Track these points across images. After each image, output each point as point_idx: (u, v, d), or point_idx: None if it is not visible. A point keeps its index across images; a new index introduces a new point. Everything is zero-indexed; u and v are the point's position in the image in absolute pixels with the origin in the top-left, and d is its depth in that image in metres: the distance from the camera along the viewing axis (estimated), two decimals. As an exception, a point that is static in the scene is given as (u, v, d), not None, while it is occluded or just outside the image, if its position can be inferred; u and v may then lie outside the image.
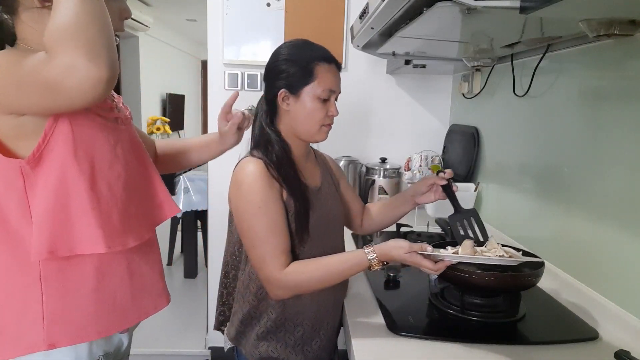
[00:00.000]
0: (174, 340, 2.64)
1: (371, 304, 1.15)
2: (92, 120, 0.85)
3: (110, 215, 0.87)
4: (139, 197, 0.95)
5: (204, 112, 8.32)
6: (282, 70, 1.08)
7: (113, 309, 0.90)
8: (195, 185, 3.40)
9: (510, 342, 0.98)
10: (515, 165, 1.60)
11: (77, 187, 0.83)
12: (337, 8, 2.15)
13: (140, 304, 0.96)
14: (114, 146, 0.90)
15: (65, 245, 0.83)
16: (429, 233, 1.70)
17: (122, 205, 0.90)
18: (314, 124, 1.10)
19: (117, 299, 0.91)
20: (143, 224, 0.96)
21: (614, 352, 0.89)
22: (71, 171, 0.82)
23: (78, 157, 0.82)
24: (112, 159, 0.89)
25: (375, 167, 2.14)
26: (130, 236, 0.91)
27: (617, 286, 1.07)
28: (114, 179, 0.89)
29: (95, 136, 0.86)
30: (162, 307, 1.01)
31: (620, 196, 1.06)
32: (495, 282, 1.02)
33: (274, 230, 1.02)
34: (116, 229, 0.88)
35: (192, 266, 3.58)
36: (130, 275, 0.93)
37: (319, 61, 1.08)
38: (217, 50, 2.19)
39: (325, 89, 1.07)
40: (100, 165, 0.86)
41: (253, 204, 1.02)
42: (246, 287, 1.11)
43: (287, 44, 1.13)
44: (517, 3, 0.85)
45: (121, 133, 0.93)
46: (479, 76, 1.87)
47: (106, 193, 0.87)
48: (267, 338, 1.09)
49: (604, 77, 1.14)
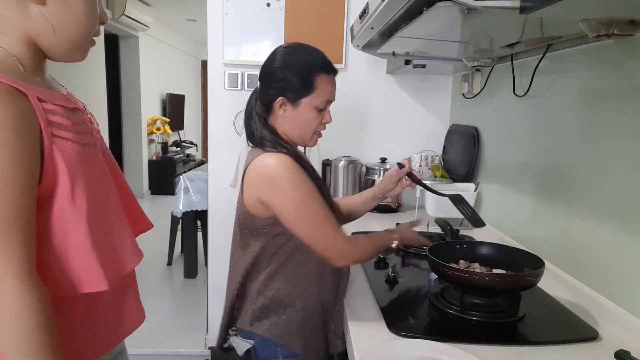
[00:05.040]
0: (174, 340, 2.64)
1: (371, 304, 1.15)
2: (79, 152, 0.80)
3: (106, 247, 0.84)
4: (125, 220, 0.92)
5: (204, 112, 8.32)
6: (281, 78, 1.09)
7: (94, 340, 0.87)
8: (195, 185, 3.40)
9: (510, 342, 0.98)
10: (515, 165, 1.60)
11: (75, 227, 0.79)
12: (337, 8, 2.15)
13: (118, 330, 0.92)
14: (101, 173, 0.87)
15: (69, 286, 0.79)
16: (429, 233, 1.69)
17: (113, 234, 0.87)
18: (309, 132, 1.14)
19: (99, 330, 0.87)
20: (133, 248, 0.92)
21: (614, 352, 0.89)
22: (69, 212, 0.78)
23: (75, 196, 0.78)
24: (100, 188, 0.85)
25: (375, 167, 2.14)
26: (123, 264, 0.88)
27: (617, 286, 1.07)
28: (105, 208, 0.85)
29: (85, 168, 0.81)
30: (137, 326, 0.96)
31: (620, 196, 1.06)
32: (495, 283, 1.02)
33: (327, 210, 1.08)
34: (111, 261, 0.85)
35: (192, 266, 3.58)
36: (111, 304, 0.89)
37: (320, 72, 1.09)
38: (217, 50, 2.19)
39: (323, 100, 1.10)
40: (92, 199, 0.81)
41: (302, 189, 1.05)
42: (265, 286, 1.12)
43: (287, 48, 1.13)
44: (517, 3, 0.85)
45: (99, 156, 0.88)
46: (479, 76, 1.87)
47: (100, 226, 0.83)
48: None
49: (604, 77, 1.14)
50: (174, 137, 7.14)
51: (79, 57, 0.85)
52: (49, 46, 0.80)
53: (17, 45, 0.78)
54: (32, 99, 0.73)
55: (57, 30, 0.78)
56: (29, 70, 0.79)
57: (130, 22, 5.24)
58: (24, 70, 0.78)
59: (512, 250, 1.22)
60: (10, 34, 0.77)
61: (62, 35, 0.80)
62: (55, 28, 0.78)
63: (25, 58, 0.78)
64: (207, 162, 2.34)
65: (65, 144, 0.77)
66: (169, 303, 3.21)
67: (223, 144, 2.20)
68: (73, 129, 0.80)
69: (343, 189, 2.15)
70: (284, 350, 1.12)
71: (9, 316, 0.70)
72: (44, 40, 0.79)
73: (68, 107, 0.82)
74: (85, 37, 0.83)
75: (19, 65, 0.77)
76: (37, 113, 0.74)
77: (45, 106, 0.76)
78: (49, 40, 0.79)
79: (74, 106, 0.84)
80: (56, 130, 0.76)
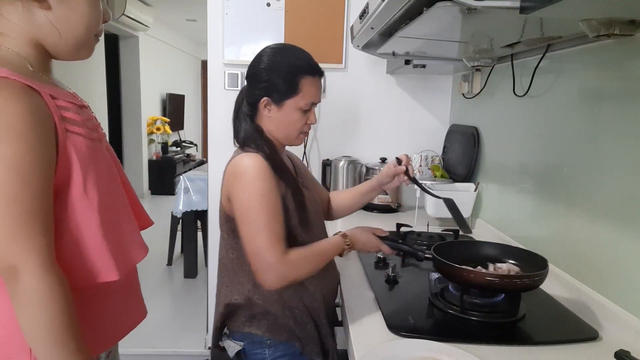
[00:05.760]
0: (174, 340, 2.64)
1: (371, 304, 1.15)
2: (90, 147, 0.83)
3: (116, 239, 0.87)
4: (132, 214, 0.95)
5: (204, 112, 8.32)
6: (266, 79, 1.10)
7: (105, 331, 0.89)
8: (195, 185, 3.40)
9: (510, 342, 0.98)
10: (515, 165, 1.60)
11: (88, 219, 0.82)
12: (337, 8, 2.15)
13: (124, 323, 0.94)
14: (108, 168, 0.90)
15: (84, 276, 0.82)
16: (429, 233, 1.70)
17: (123, 227, 0.90)
18: (294, 132, 1.15)
19: (109, 321, 0.90)
20: (140, 241, 0.95)
21: (614, 352, 0.89)
22: (83, 205, 0.81)
23: (87, 190, 0.81)
24: (110, 182, 0.89)
25: (375, 167, 2.14)
26: (131, 256, 0.91)
27: (617, 286, 1.07)
28: (114, 202, 0.89)
29: (96, 163, 0.84)
30: (141, 321, 0.99)
31: (620, 196, 1.06)
32: (496, 284, 1.02)
33: (276, 218, 1.05)
34: (121, 253, 0.88)
35: (192, 266, 3.58)
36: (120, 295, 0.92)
37: (304, 75, 1.10)
38: (217, 50, 2.19)
39: (308, 102, 1.12)
40: (103, 192, 0.85)
41: (258, 192, 1.04)
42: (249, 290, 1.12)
43: (273, 50, 1.14)
44: (517, 3, 0.85)
45: (104, 152, 0.92)
46: (479, 76, 1.87)
47: (111, 219, 0.86)
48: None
49: (604, 77, 1.14)
50: (174, 137, 7.14)
51: (85, 54, 0.89)
52: (55, 47, 0.84)
53: (24, 47, 0.81)
54: (45, 96, 0.77)
55: (62, 32, 0.82)
56: (38, 70, 0.82)
57: (130, 22, 5.24)
58: (33, 70, 0.81)
59: (516, 250, 1.23)
60: (18, 38, 0.80)
61: (68, 37, 0.83)
62: (60, 31, 0.82)
63: (33, 58, 0.82)
64: (207, 162, 2.34)
65: (77, 139, 0.80)
66: (169, 303, 3.21)
67: (223, 144, 2.20)
68: (83, 124, 0.83)
69: (343, 188, 2.15)
70: (272, 348, 1.12)
71: (33, 304, 0.72)
72: (50, 41, 0.83)
73: (77, 104, 0.85)
74: (90, 35, 0.86)
75: (28, 65, 0.80)
76: (51, 109, 0.77)
77: (57, 103, 0.79)
78: (55, 41, 0.83)
79: (81, 103, 0.88)
80: (69, 126, 0.79)
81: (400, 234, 1.63)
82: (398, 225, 1.66)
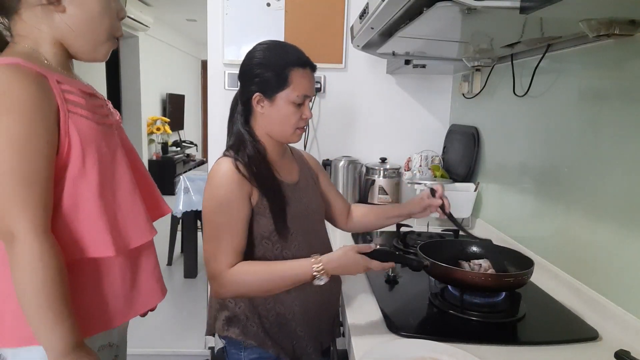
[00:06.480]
0: (174, 340, 2.64)
1: (371, 304, 1.15)
2: (94, 129, 0.88)
3: (116, 219, 0.91)
4: (137, 199, 0.98)
5: (204, 112, 8.33)
6: (257, 75, 1.10)
7: (106, 308, 0.91)
8: (195, 185, 3.39)
9: (510, 342, 0.98)
10: (515, 165, 1.60)
11: (86, 196, 0.86)
12: (337, 8, 2.15)
13: (132, 304, 0.96)
14: (114, 152, 0.93)
15: (78, 250, 0.86)
16: (429, 233, 1.70)
17: (124, 208, 0.93)
18: (288, 127, 1.13)
19: (111, 299, 0.92)
20: (144, 225, 0.98)
21: (614, 352, 0.89)
22: (80, 182, 0.85)
23: (86, 168, 0.85)
24: (114, 166, 0.93)
25: (375, 167, 2.14)
26: (132, 237, 0.94)
27: (617, 286, 1.07)
28: (116, 185, 0.92)
29: (99, 145, 0.88)
30: (152, 305, 1.03)
31: (620, 196, 1.06)
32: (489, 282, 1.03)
33: (231, 228, 1.05)
34: (120, 232, 0.91)
35: (192, 266, 3.58)
36: (123, 275, 0.94)
37: (294, 67, 1.10)
38: (217, 50, 2.19)
39: (300, 95, 1.10)
40: (104, 173, 0.89)
41: (215, 200, 1.05)
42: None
43: (261, 47, 1.14)
44: (517, 3, 0.85)
45: (116, 138, 0.96)
46: (479, 76, 1.87)
47: (111, 199, 0.90)
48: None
49: (604, 77, 1.14)
50: (174, 137, 7.14)
51: (102, 54, 0.95)
52: (73, 46, 0.91)
53: (45, 47, 0.88)
54: (51, 81, 0.83)
55: (77, 31, 0.89)
56: (57, 66, 0.89)
57: (130, 22, 5.23)
58: (47, 63, 0.87)
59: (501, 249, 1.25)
60: (38, 39, 0.87)
61: (83, 35, 0.90)
62: (75, 30, 0.89)
63: (52, 56, 0.89)
64: (207, 162, 2.34)
65: (80, 120, 0.85)
66: (169, 303, 3.20)
67: (223, 144, 2.18)
68: (87, 107, 0.88)
69: (343, 189, 2.14)
70: (248, 350, 1.12)
71: (23, 268, 0.77)
72: (68, 40, 0.90)
73: (85, 91, 0.90)
74: (105, 34, 0.92)
75: (44, 59, 0.87)
76: (55, 91, 0.82)
77: (63, 87, 0.84)
78: (72, 41, 0.90)
79: (91, 92, 0.94)
80: (72, 107, 0.85)
81: (400, 234, 1.63)
82: (398, 226, 1.66)
